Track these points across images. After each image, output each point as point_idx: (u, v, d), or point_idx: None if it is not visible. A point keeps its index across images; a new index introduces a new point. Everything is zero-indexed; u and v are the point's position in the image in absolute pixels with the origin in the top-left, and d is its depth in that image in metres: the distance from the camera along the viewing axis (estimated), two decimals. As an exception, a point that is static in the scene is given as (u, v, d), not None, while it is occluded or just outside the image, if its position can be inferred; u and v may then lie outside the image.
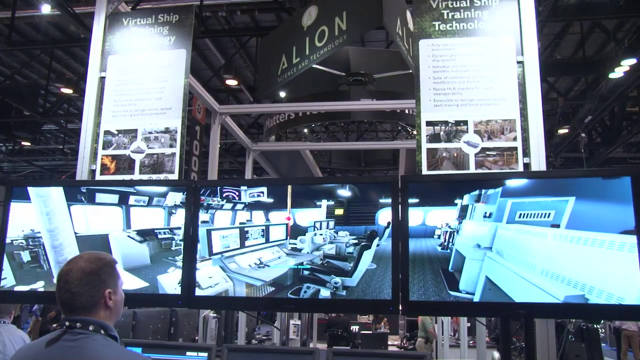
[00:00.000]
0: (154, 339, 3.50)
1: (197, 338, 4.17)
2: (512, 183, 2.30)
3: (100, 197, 2.72)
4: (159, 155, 3.25)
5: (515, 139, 2.79)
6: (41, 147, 15.69)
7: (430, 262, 2.31)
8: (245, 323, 5.43)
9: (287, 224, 2.54)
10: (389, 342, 9.61)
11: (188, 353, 2.33)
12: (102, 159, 3.30)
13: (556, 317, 2.63)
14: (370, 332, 10.97)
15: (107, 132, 3.33)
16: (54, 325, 1.55)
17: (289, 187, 2.60)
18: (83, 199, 2.71)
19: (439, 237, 2.33)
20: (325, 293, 2.42)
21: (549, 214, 2.20)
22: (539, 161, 2.72)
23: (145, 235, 2.63)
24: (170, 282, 2.56)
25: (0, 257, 2.65)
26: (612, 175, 2.19)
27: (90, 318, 1.48)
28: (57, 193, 2.70)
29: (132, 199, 2.68)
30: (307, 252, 2.49)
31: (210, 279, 2.54)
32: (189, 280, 2.51)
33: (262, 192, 2.60)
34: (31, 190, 2.72)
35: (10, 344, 3.30)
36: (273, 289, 2.48)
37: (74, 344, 1.42)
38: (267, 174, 8.40)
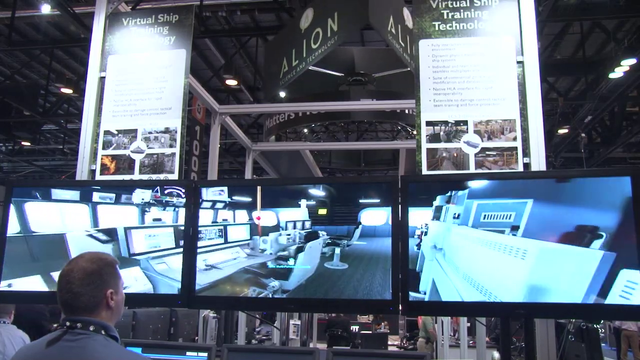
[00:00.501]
0: (154, 339, 3.50)
1: (197, 338, 4.17)
2: (476, 184, 2.32)
3: (57, 193, 2.61)
4: (159, 155, 3.25)
5: (515, 139, 2.79)
6: (41, 147, 15.68)
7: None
8: (245, 323, 5.43)
9: (251, 224, 2.50)
10: (389, 342, 9.62)
11: (188, 353, 2.33)
12: (102, 159, 3.30)
13: (556, 317, 2.63)
14: (370, 332, 10.97)
15: (107, 132, 3.33)
16: (55, 325, 1.54)
17: (259, 187, 2.57)
18: (37, 196, 2.61)
19: (418, 236, 2.35)
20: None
21: (510, 215, 2.23)
22: (539, 161, 2.72)
23: (112, 234, 2.53)
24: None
25: (0, 257, 2.65)
26: (612, 175, 2.19)
27: (91, 318, 1.48)
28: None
29: (96, 196, 2.59)
30: (270, 253, 2.46)
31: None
32: (188, 281, 2.50)
33: (222, 191, 2.58)
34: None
35: (10, 344, 3.30)
36: (225, 292, 2.45)
37: (74, 344, 1.42)
38: (267, 174, 8.40)
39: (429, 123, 2.90)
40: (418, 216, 2.35)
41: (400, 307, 2.30)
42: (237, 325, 5.28)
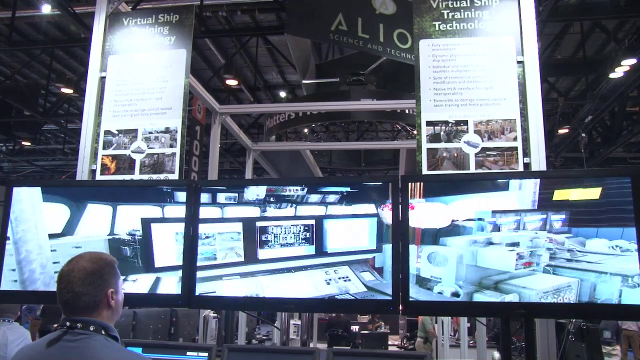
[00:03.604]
0: (155, 339, 3.50)
1: (197, 338, 4.17)
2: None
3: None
4: (159, 155, 3.25)
5: (515, 139, 2.79)
6: (41, 147, 15.69)
7: None
8: (245, 323, 5.44)
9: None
10: (389, 342, 9.61)
11: (188, 353, 2.33)
12: (102, 159, 3.30)
13: (556, 317, 2.62)
14: (371, 332, 10.95)
15: (107, 132, 3.33)
16: (55, 325, 1.55)
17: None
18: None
19: None
20: None
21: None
22: (539, 161, 2.72)
23: None
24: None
25: (0, 257, 2.64)
26: (612, 175, 2.18)
27: (92, 318, 1.48)
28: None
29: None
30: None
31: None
32: (189, 281, 2.50)
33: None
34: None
35: (12, 343, 3.30)
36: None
37: (75, 345, 1.42)
38: (267, 174, 8.40)
39: (429, 123, 2.90)
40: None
41: (400, 307, 2.29)
42: (237, 325, 5.28)
